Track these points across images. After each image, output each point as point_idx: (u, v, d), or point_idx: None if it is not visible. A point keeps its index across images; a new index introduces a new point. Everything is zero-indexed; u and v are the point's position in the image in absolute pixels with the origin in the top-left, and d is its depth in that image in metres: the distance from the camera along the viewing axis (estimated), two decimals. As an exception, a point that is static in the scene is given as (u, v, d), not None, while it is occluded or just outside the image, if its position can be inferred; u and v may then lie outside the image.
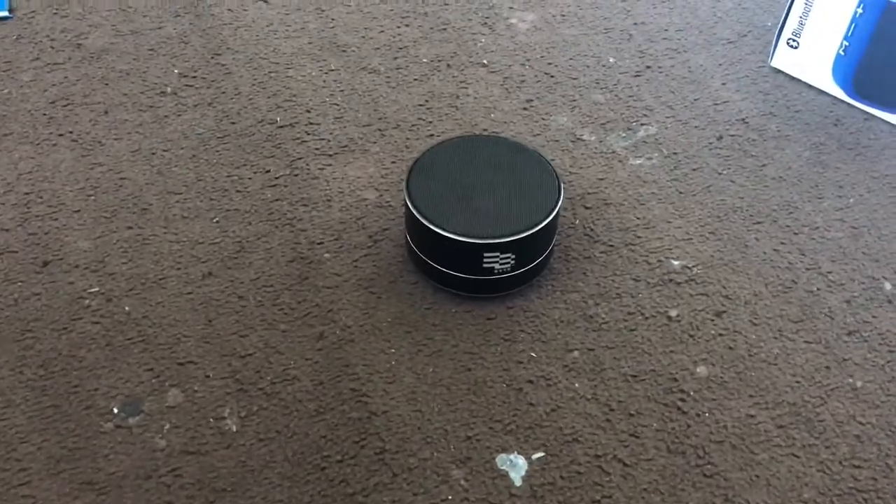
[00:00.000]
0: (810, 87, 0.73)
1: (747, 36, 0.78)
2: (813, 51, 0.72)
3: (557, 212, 0.55)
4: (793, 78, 0.74)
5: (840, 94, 0.72)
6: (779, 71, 0.75)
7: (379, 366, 0.53)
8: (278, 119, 0.69)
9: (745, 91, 0.73)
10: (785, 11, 0.73)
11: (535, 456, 0.50)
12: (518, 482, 0.49)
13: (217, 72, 0.73)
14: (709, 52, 0.77)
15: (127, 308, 0.56)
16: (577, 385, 0.53)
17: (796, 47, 0.73)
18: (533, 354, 0.54)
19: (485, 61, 0.75)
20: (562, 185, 0.56)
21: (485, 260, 0.54)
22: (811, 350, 0.55)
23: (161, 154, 0.66)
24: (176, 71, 0.73)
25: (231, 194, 0.63)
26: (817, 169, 0.67)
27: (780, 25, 0.73)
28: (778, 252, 0.61)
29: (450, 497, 0.48)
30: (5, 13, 0.77)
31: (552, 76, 0.74)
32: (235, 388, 0.52)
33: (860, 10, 0.69)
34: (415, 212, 0.54)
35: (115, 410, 0.51)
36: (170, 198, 0.63)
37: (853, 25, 0.70)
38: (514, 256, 0.54)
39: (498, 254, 0.54)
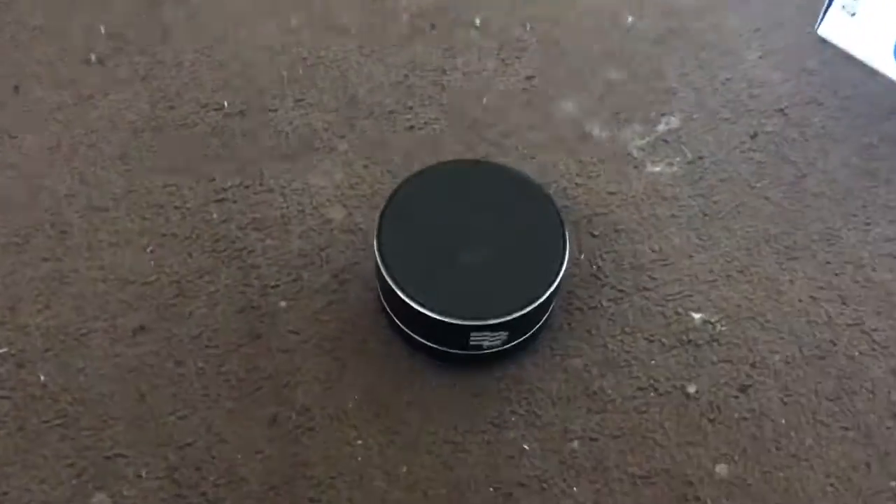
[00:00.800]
0: (865, 66, 0.59)
1: (794, -8, 0.62)
2: (873, 21, 0.57)
3: (561, 280, 0.43)
4: (844, 53, 0.59)
5: (900, 80, 0.58)
6: (827, 42, 0.60)
7: (343, 464, 0.43)
8: (226, 104, 0.55)
9: (785, 69, 0.59)
10: (847, -25, 0.57)
11: (525, 591, 0.41)
12: None
13: (153, 31, 0.58)
14: (745, 10, 0.61)
15: (42, 377, 0.45)
16: (575, 489, 0.43)
17: (853, 15, 0.58)
18: (526, 447, 0.44)
19: (477, 21, 0.60)
20: (567, 239, 0.43)
21: (472, 338, 0.43)
22: (848, 440, 0.45)
23: (84, 152, 0.53)
24: (103, 29, 0.58)
25: (168, 212, 0.50)
26: (866, 182, 0.54)
27: (838, -9, 0.58)
28: (815, 301, 0.49)
29: None
30: None
31: (557, 43, 0.59)
32: (172, 493, 0.42)
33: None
34: (389, 279, 0.42)
35: (28, 527, 0.41)
36: (94, 216, 0.50)
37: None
38: (507, 333, 0.43)
39: (487, 333, 0.42)
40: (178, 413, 0.44)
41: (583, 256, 0.50)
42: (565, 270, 0.42)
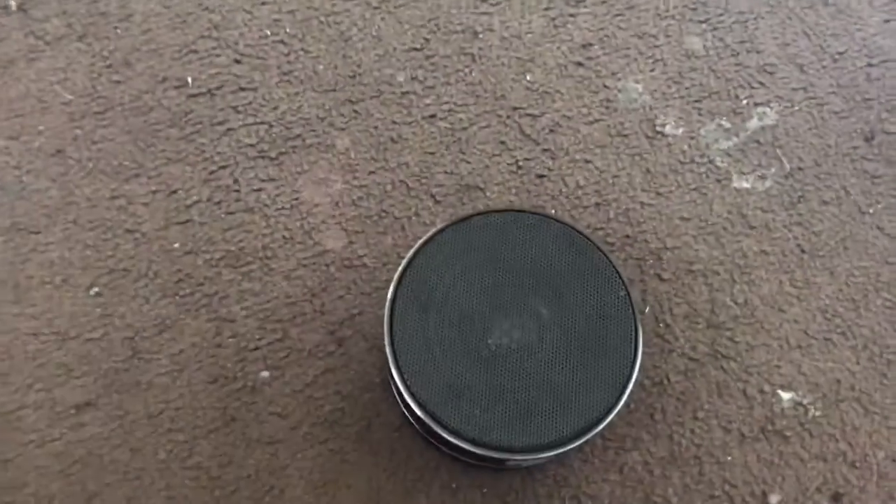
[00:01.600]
0: None
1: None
2: None
3: (629, 397, 0.31)
4: None
5: None
6: (976, 4, 0.45)
7: None
8: (190, 79, 0.40)
9: (918, 41, 0.44)
10: None
11: None
12: None
13: (90, -34, 0.42)
14: (871, -49, 0.45)
15: (-40, 471, 0.34)
16: None
17: None
18: (567, 574, 0.34)
19: (521, -39, 0.44)
20: (640, 339, 0.32)
21: (509, 463, 0.32)
22: (963, 568, 0.35)
23: (6, 146, 0.39)
24: (23, -41, 0.42)
25: (118, 237, 0.38)
26: None
27: None
28: (934, 375, 0.38)
29: None
30: None
31: (625, -6, 0.44)
32: None
33: None
34: (405, 393, 0.30)
35: None
36: (24, 240, 0.38)
37: None
38: (550, 457, 0.32)
39: (526, 457, 0.31)
40: (135, 522, 0.34)
41: (647, 310, 0.38)
42: (634, 382, 0.31)
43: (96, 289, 0.37)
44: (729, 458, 0.36)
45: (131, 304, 0.36)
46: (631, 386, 0.30)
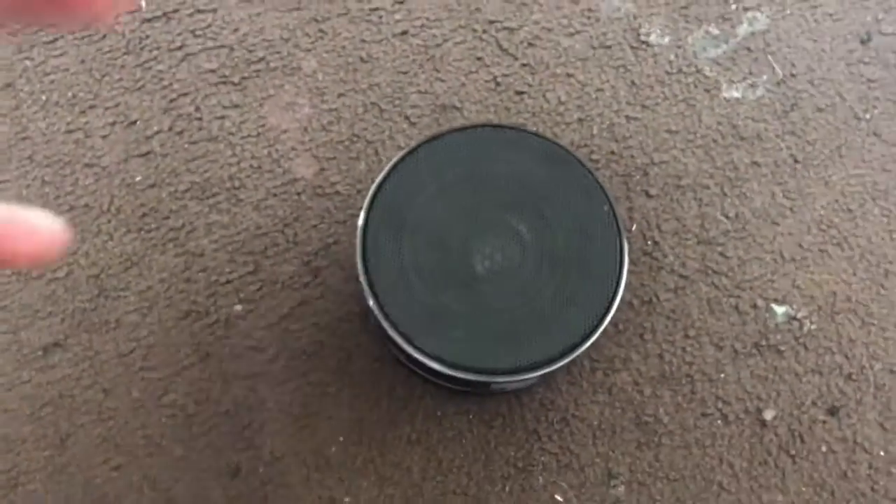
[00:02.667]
0: None
1: None
2: None
3: (615, 315, 0.30)
4: None
5: None
6: None
7: (327, 531, 0.33)
8: (143, 2, 0.39)
9: (916, -66, 0.42)
10: None
11: None
12: None
13: None
14: None
15: (-73, 419, 0.34)
16: (620, 551, 0.34)
17: None
18: (558, 497, 0.34)
19: None
20: (625, 250, 0.31)
21: (493, 386, 0.31)
22: (962, 477, 0.35)
23: (-50, 81, 0.37)
24: None
25: (77, 171, 0.37)
26: None
27: None
28: (933, 284, 0.38)
29: None
30: None
31: None
32: (111, 574, 0.33)
33: None
34: (383, 320, 0.30)
35: None
36: (-25, 179, 0.36)
37: None
38: (535, 380, 0.32)
39: (512, 380, 0.31)
40: (111, 462, 0.34)
41: (634, 227, 0.37)
42: (620, 300, 0.30)
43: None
44: (722, 375, 0.35)
45: (95, 240, 0.35)
46: (617, 303, 0.29)
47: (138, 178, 0.36)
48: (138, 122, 0.37)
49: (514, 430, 0.35)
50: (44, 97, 0.37)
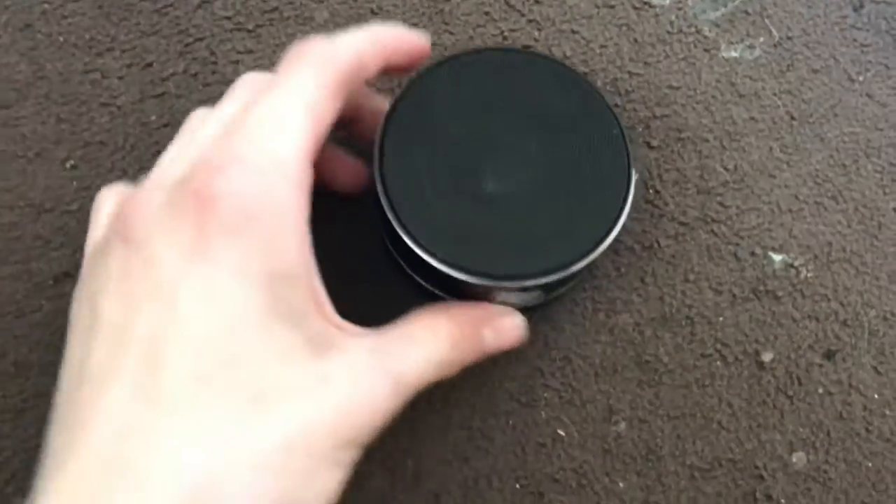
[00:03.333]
0: None
1: None
2: None
3: (622, 226, 0.31)
4: None
5: None
6: None
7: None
8: (162, -48, 0.40)
9: (906, -90, 0.44)
10: None
11: None
12: None
13: None
14: None
15: (-63, 343, 0.34)
16: (621, 485, 0.35)
17: None
18: (561, 432, 0.35)
19: None
20: (633, 168, 0.32)
21: (497, 297, 0.32)
22: (954, 420, 0.36)
23: (-30, 21, 0.39)
24: None
25: (93, 109, 0.38)
26: None
27: None
28: (925, 237, 0.39)
29: None
30: None
31: None
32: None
33: None
34: (392, 218, 0.30)
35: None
36: (-8, 115, 0.37)
37: None
38: (542, 292, 0.33)
39: (515, 294, 0.32)
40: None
41: (637, 176, 0.38)
42: (628, 213, 0.31)
43: (72, 162, 0.36)
44: (720, 318, 0.37)
45: (108, 176, 0.36)
46: (625, 217, 0.30)
47: (153, 118, 0.37)
48: (154, 65, 0.38)
49: (518, 367, 0.36)
50: (61, 38, 0.38)
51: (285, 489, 0.24)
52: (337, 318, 0.27)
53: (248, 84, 0.29)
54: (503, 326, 0.30)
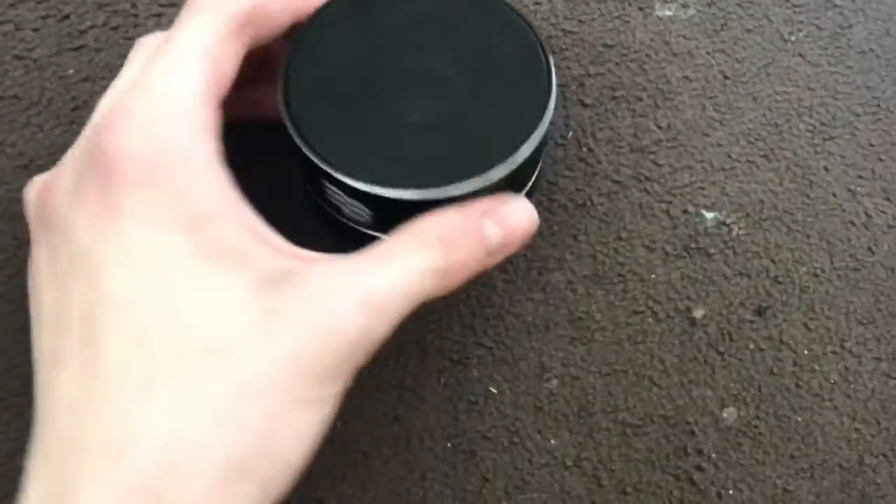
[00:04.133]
0: None
1: None
2: None
3: (544, 137, 0.30)
4: None
5: None
6: None
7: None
8: None
9: None
10: None
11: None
12: None
13: None
14: None
15: None
16: (552, 442, 0.35)
17: None
18: (493, 389, 0.35)
19: None
20: (553, 75, 0.31)
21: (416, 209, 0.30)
22: (880, 374, 0.37)
23: None
24: None
25: (6, 62, 0.36)
26: (926, 36, 0.43)
27: None
28: (854, 195, 0.40)
29: None
30: None
31: None
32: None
33: None
34: (296, 136, 0.29)
35: None
36: None
37: None
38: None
39: (428, 195, 0.29)
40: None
41: (571, 134, 0.38)
42: (549, 124, 0.30)
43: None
44: (653, 275, 0.37)
45: (23, 131, 0.35)
46: (545, 126, 0.29)
47: (71, 72, 0.36)
48: (72, 17, 0.37)
49: (450, 325, 0.35)
50: (-27, -11, 0.37)
51: (253, 440, 0.22)
52: (292, 248, 0.25)
53: (144, 46, 0.29)
54: (509, 213, 0.26)
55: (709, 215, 0.38)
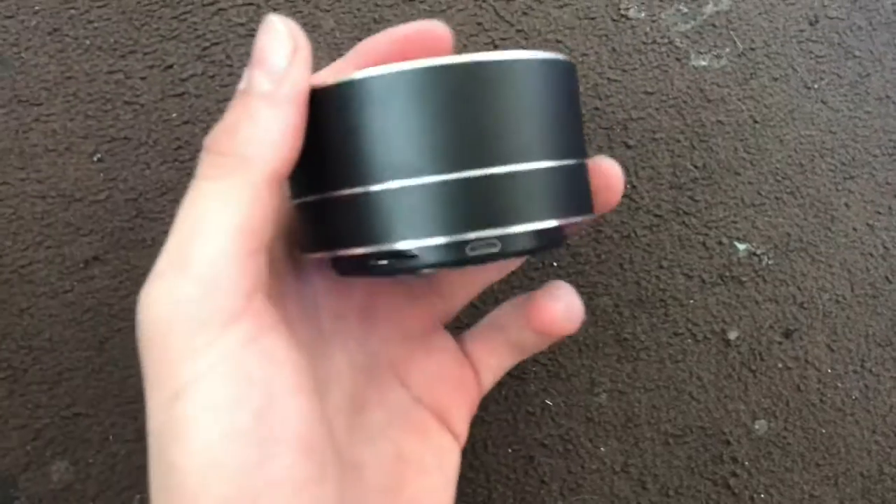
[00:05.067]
0: (948, -64, 0.50)
1: None
2: None
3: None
4: (927, -82, 0.50)
5: None
6: None
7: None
8: (180, -37, 0.44)
9: (857, -65, 0.49)
10: None
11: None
12: None
13: None
14: None
15: (-23, 321, 0.38)
16: (602, 449, 0.39)
17: None
18: (548, 402, 0.39)
19: None
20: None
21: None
22: (897, 392, 0.41)
23: (3, 25, 0.42)
24: None
25: (117, 107, 0.41)
26: (938, 84, 0.47)
27: None
28: (872, 229, 0.44)
29: None
30: None
31: None
32: (145, 460, 0.37)
33: None
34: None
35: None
36: (26, 111, 0.41)
37: None
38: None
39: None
40: (146, 364, 0.38)
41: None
42: None
43: (98, 155, 0.40)
44: (691, 301, 0.41)
45: (133, 168, 0.40)
46: None
47: (174, 115, 0.41)
48: (174, 66, 0.42)
49: (510, 344, 0.40)
50: (87, 41, 0.42)
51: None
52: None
53: None
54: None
55: (741, 246, 0.43)
